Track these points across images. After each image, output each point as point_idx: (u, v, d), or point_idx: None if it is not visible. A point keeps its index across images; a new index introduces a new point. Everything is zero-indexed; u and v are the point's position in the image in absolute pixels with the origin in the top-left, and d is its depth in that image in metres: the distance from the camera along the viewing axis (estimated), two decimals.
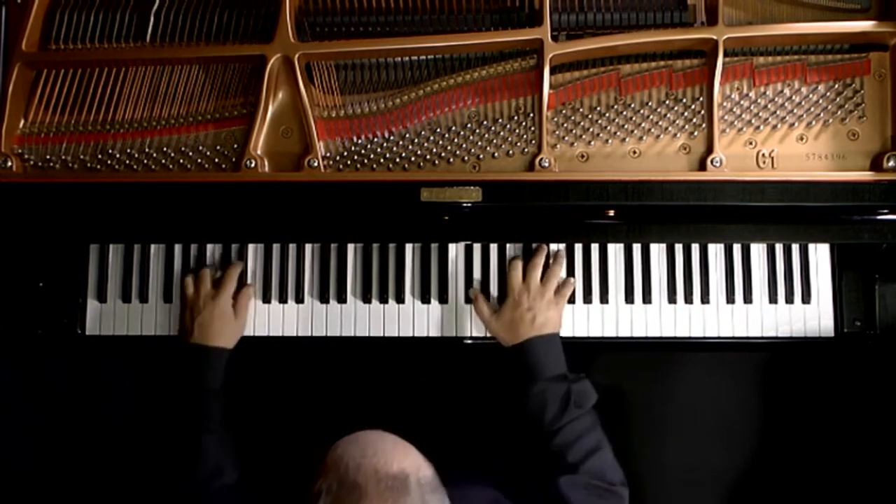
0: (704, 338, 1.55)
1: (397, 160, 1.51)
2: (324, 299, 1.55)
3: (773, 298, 1.54)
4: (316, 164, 1.49)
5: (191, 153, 1.51)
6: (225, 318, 1.48)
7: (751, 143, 1.51)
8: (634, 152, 1.51)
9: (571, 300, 1.54)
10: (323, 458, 1.09)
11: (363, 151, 1.51)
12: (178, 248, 1.57)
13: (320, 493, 1.03)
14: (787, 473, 1.80)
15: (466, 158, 1.51)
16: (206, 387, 1.43)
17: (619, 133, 1.50)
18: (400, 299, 1.55)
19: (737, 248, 1.56)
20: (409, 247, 1.56)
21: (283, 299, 1.56)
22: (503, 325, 1.47)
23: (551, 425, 1.37)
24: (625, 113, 1.51)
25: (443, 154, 1.50)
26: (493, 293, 1.55)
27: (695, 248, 1.56)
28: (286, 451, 1.65)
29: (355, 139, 1.51)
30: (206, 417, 1.41)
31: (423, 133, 1.51)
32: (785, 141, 1.51)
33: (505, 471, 1.39)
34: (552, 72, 1.48)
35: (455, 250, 1.56)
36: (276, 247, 1.57)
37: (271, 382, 1.74)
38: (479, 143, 1.50)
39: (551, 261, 1.52)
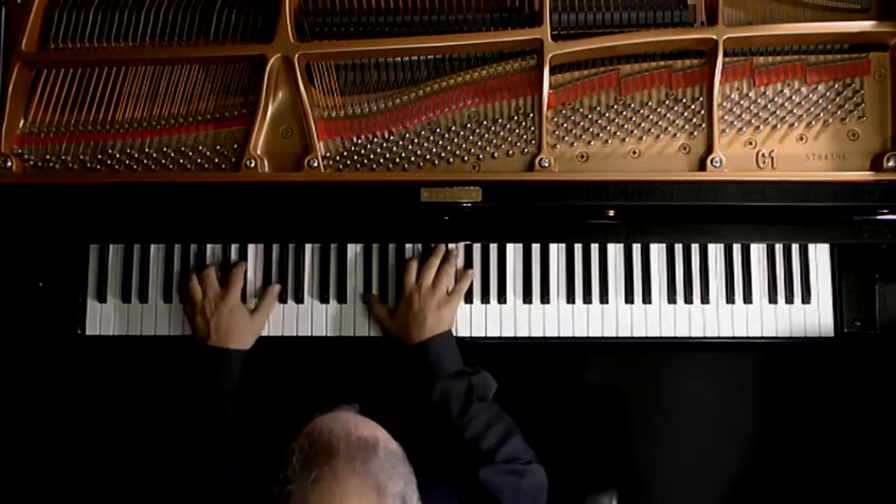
0: (704, 338, 1.55)
1: (397, 160, 1.51)
2: (324, 299, 1.55)
3: (772, 298, 1.54)
4: (316, 164, 1.49)
5: (191, 153, 1.51)
6: (237, 316, 1.48)
7: (751, 143, 1.51)
8: (634, 152, 1.51)
9: (572, 300, 1.54)
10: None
11: (363, 151, 1.51)
12: (177, 248, 1.57)
13: (293, 453, 1.06)
14: (788, 473, 1.80)
15: (466, 158, 1.51)
16: (223, 390, 1.43)
17: (618, 133, 1.50)
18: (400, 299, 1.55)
19: (737, 248, 1.56)
20: (409, 247, 1.56)
21: (282, 299, 1.55)
22: (397, 327, 1.49)
23: (458, 421, 1.39)
24: (625, 113, 1.51)
25: (443, 154, 1.50)
26: (492, 293, 1.55)
27: (695, 248, 1.56)
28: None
29: (355, 139, 1.51)
30: (220, 423, 1.41)
31: (423, 133, 1.51)
32: (785, 141, 1.51)
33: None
34: (552, 72, 1.48)
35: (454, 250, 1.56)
36: (276, 247, 1.57)
37: (272, 382, 1.74)
38: (479, 143, 1.50)
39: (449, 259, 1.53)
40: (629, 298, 1.55)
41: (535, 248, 1.56)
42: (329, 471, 1.02)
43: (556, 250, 1.56)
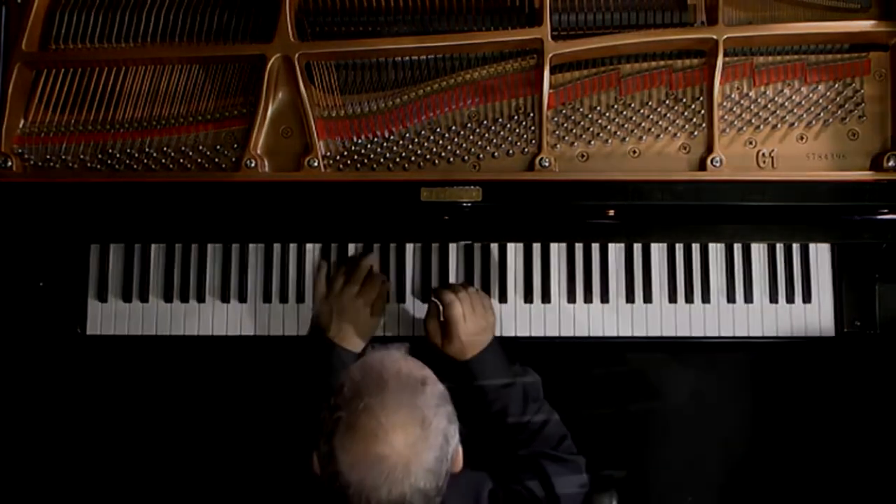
0: (705, 337, 1.55)
1: (397, 160, 1.51)
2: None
3: (773, 298, 1.55)
4: (316, 163, 1.49)
5: (191, 153, 1.51)
6: (361, 318, 1.47)
7: (751, 143, 1.51)
8: (634, 152, 1.51)
9: (572, 300, 1.55)
10: None
11: (363, 151, 1.51)
12: (178, 247, 1.57)
13: (345, 383, 1.10)
14: (788, 472, 1.80)
15: (466, 158, 1.51)
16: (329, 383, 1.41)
17: (619, 133, 1.50)
18: (401, 299, 1.55)
19: (737, 247, 1.56)
20: (409, 246, 1.56)
21: (283, 299, 1.56)
22: (452, 350, 1.43)
23: (516, 422, 1.40)
24: (625, 113, 1.51)
25: (443, 154, 1.50)
26: (494, 293, 1.55)
27: (695, 247, 1.56)
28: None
29: (355, 139, 1.51)
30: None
31: (423, 133, 1.51)
32: (785, 141, 1.51)
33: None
34: (552, 71, 1.48)
35: (455, 250, 1.56)
36: (276, 247, 1.57)
37: (275, 382, 1.74)
38: (479, 143, 1.50)
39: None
40: (630, 298, 1.55)
41: (536, 247, 1.56)
42: (378, 402, 1.06)
43: (557, 250, 1.56)
